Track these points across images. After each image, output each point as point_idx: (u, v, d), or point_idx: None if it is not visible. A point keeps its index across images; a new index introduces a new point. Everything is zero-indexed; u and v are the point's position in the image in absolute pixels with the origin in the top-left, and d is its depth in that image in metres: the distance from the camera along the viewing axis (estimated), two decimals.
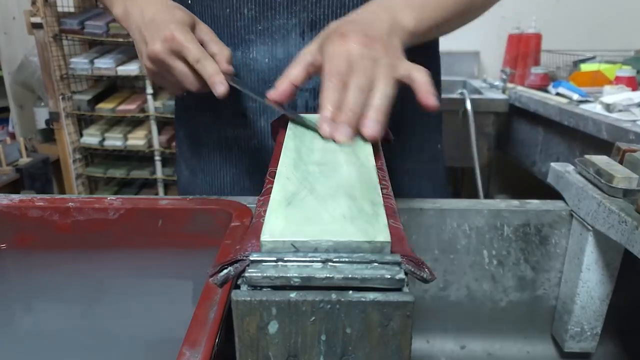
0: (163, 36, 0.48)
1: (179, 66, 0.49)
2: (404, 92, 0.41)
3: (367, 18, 0.44)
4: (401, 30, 0.45)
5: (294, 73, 0.43)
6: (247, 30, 0.57)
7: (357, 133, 0.38)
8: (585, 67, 1.78)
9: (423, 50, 0.63)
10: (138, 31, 0.50)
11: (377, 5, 0.47)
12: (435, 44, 0.67)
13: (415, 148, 0.67)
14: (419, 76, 0.40)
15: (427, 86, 0.39)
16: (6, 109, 2.35)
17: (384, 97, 0.39)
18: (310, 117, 0.43)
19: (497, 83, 1.93)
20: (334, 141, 0.38)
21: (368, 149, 0.37)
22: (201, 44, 0.50)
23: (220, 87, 0.48)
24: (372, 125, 0.38)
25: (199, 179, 0.69)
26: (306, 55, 0.44)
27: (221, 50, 0.52)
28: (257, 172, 0.64)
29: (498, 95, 1.83)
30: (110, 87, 2.20)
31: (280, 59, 0.58)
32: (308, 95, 0.59)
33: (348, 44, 0.40)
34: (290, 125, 0.43)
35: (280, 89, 0.43)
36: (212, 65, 0.49)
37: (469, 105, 1.73)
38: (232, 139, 0.63)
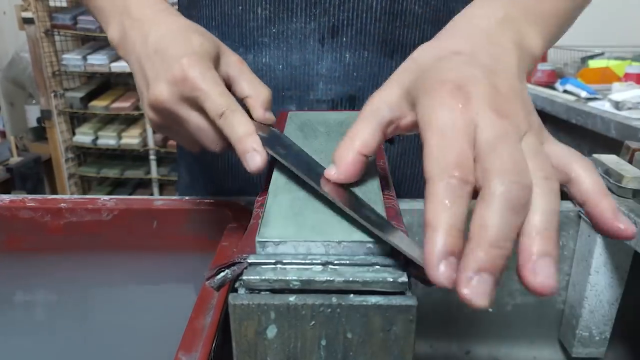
0: (172, 76, 0.34)
1: (195, 119, 0.35)
2: None
3: (485, 49, 0.28)
4: (530, 60, 0.31)
5: (364, 136, 0.28)
6: (260, 32, 0.53)
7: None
8: (593, 64, 1.78)
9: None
10: (138, 64, 0.37)
11: (486, 12, 0.31)
12: None
13: (419, 148, 0.65)
14: (585, 177, 0.25)
15: (606, 197, 0.24)
16: None
17: (552, 216, 0.23)
18: (311, 115, 0.43)
19: None
20: (461, 297, 0.21)
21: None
22: (227, 83, 0.37)
23: (254, 160, 0.33)
24: (547, 268, 0.21)
25: (198, 184, 0.67)
26: (381, 107, 0.29)
27: (257, 91, 0.37)
28: (259, 180, 0.60)
29: None
30: (104, 84, 2.20)
31: (296, 66, 0.54)
32: (326, 108, 0.55)
33: (471, 108, 0.24)
34: (289, 121, 0.42)
35: (344, 165, 0.28)
36: (243, 121, 0.34)
37: None
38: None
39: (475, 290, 0.21)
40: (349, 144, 0.28)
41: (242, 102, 0.37)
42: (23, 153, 2.18)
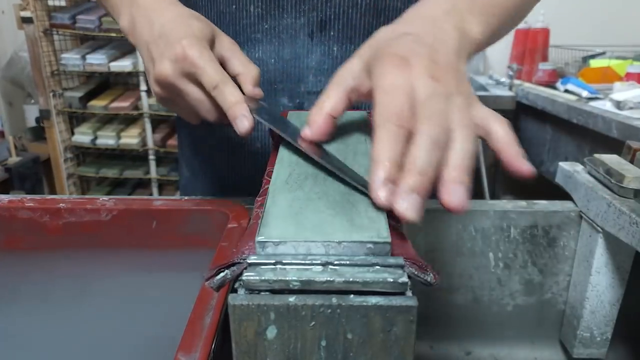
0: (174, 55, 0.40)
1: (193, 92, 0.42)
2: None
3: (430, 32, 0.35)
4: (469, 45, 0.37)
5: (332, 101, 0.34)
6: (253, 29, 0.56)
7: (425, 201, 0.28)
8: (594, 63, 1.79)
9: None
10: (146, 47, 0.43)
11: (436, 4, 0.38)
12: None
13: None
14: (499, 130, 0.31)
15: (514, 145, 0.31)
16: None
17: (467, 153, 0.29)
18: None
19: (503, 80, 1.93)
20: (393, 212, 0.27)
21: (369, 148, 0.37)
22: (222, 62, 0.43)
23: (242, 123, 0.40)
24: (459, 192, 0.28)
25: (199, 180, 0.68)
26: (346, 76, 0.35)
27: (246, 69, 0.43)
28: (260, 176, 0.62)
29: (504, 92, 1.83)
30: (103, 83, 2.20)
31: (287, 60, 0.57)
32: (316, 99, 0.58)
33: (411, 75, 0.30)
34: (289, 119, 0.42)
35: (316, 125, 0.34)
36: (233, 92, 0.41)
37: None
38: (234, 140, 0.63)
39: (407, 206, 0.27)
40: (319, 108, 0.35)
41: (234, 79, 0.42)
42: (22, 153, 2.18)
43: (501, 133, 0.31)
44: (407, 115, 0.29)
